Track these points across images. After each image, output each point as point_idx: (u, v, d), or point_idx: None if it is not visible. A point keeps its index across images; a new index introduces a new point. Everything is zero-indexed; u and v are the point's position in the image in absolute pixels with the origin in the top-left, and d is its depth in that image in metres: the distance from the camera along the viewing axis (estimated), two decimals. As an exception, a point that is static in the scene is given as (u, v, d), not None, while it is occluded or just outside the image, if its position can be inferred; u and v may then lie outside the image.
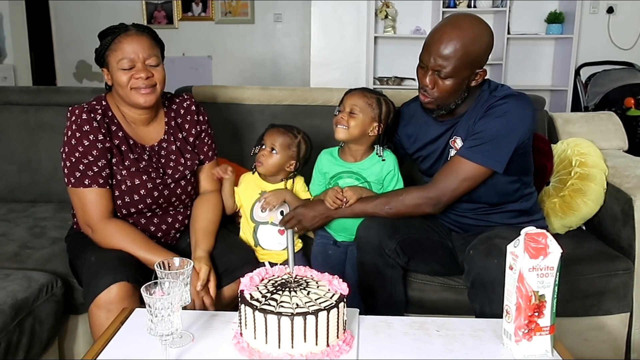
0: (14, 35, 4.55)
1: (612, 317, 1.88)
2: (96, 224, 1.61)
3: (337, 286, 1.21)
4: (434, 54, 1.60)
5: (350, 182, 1.82)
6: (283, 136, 1.80)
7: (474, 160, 1.64)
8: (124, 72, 1.59)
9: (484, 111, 1.67)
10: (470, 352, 1.22)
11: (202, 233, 1.69)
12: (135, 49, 1.59)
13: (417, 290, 1.81)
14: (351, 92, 1.82)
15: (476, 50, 1.60)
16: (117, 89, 1.63)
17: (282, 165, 1.81)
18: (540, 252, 1.14)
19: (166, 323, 1.09)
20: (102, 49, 1.62)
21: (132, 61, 1.59)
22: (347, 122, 1.75)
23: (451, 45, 1.58)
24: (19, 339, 1.48)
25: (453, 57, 1.58)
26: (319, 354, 1.14)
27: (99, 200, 1.61)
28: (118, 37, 1.59)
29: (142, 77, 1.59)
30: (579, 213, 2.02)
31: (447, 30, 1.60)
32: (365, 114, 1.76)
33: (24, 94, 2.39)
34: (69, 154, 1.60)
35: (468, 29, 1.60)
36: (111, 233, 1.61)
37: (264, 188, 1.84)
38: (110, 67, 1.61)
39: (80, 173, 1.59)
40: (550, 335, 1.19)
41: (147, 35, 1.63)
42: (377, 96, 1.81)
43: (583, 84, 4.24)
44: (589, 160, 2.07)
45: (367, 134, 1.79)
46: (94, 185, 1.60)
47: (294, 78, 5.54)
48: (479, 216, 1.79)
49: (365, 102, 1.77)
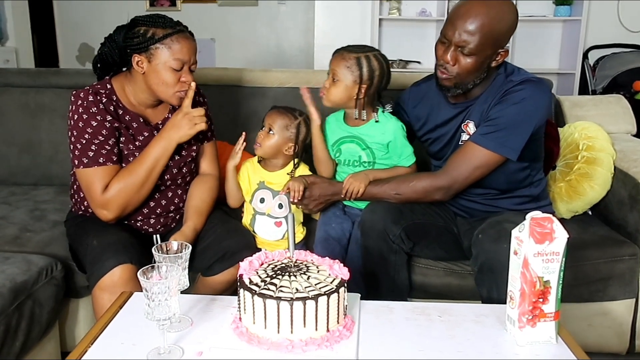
0: (15, 18, 4.51)
1: (617, 302, 1.86)
2: (101, 199, 1.59)
3: (338, 271, 1.19)
4: (459, 28, 1.55)
5: (352, 147, 1.79)
6: (282, 117, 1.77)
7: (487, 147, 1.60)
8: (173, 73, 1.59)
9: (500, 96, 1.62)
10: (472, 338, 1.20)
11: (193, 210, 1.70)
12: (189, 52, 1.60)
13: (421, 275, 1.79)
14: (337, 52, 1.75)
15: (501, 29, 1.56)
16: (157, 84, 1.60)
17: (280, 147, 1.78)
18: (545, 237, 1.12)
19: (163, 307, 1.08)
20: (149, 40, 1.57)
21: (183, 63, 1.59)
22: (328, 89, 1.72)
23: (478, 20, 1.53)
24: (18, 322, 1.47)
25: (478, 33, 1.53)
26: (318, 339, 1.12)
27: (109, 176, 1.60)
28: (175, 35, 1.57)
29: (188, 81, 1.61)
30: (585, 197, 1.99)
31: (474, 5, 1.55)
32: (345, 78, 1.70)
33: (24, 76, 2.36)
34: (78, 137, 1.59)
35: (495, 5, 1.55)
36: (115, 193, 1.59)
37: (264, 178, 1.82)
38: (155, 60, 1.57)
39: (93, 152, 1.58)
40: (555, 322, 1.17)
41: (194, 40, 1.64)
42: (356, 55, 1.70)
43: (591, 67, 4.18)
44: (596, 144, 2.04)
45: (353, 97, 1.73)
46: (108, 163, 1.59)
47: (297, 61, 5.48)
48: (487, 201, 1.77)
49: (344, 66, 1.70)
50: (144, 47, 1.57)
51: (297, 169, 1.81)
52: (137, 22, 1.60)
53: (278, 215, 1.80)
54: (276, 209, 1.80)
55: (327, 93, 1.73)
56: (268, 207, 1.80)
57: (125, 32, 1.60)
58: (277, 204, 1.80)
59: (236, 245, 1.64)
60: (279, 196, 1.79)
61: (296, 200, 1.72)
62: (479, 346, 1.17)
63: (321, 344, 1.11)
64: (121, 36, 1.61)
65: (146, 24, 1.58)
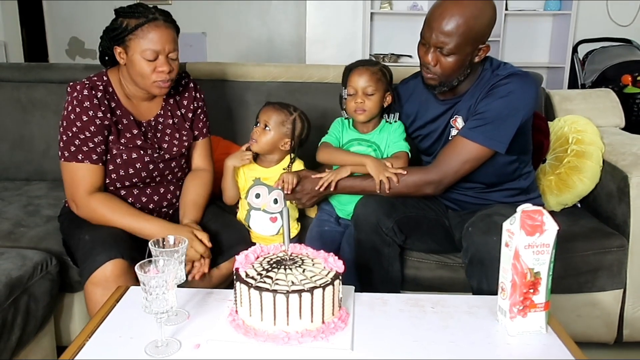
0: (4, 12, 4.47)
1: (605, 293, 1.89)
2: (80, 199, 1.61)
3: (333, 264, 1.21)
4: (435, 30, 1.57)
5: (362, 149, 1.82)
6: (277, 113, 1.78)
7: (476, 140, 1.62)
8: (148, 63, 1.57)
9: (487, 91, 1.64)
10: (465, 329, 1.22)
11: (191, 204, 1.71)
12: (162, 41, 1.57)
13: (413, 268, 1.81)
14: (355, 70, 1.78)
15: (479, 26, 1.57)
16: (135, 75, 1.60)
17: (276, 143, 1.79)
18: (536, 230, 1.14)
19: (161, 301, 1.09)
20: (124, 31, 1.56)
21: (156, 53, 1.57)
22: (365, 104, 1.75)
23: (453, 21, 1.54)
24: (14, 317, 1.48)
25: (455, 34, 1.55)
26: (314, 331, 1.14)
27: (89, 176, 1.60)
28: (147, 24, 1.55)
29: (164, 70, 1.59)
30: (574, 190, 2.02)
31: (448, 6, 1.56)
32: (378, 90, 1.75)
33: (15, 70, 2.34)
34: (67, 128, 1.59)
35: (470, 4, 1.56)
36: (95, 206, 1.60)
37: (259, 174, 1.82)
38: (130, 51, 1.57)
39: (75, 148, 1.59)
40: (545, 312, 1.20)
41: (172, 27, 1.61)
42: (380, 67, 1.79)
43: (580, 61, 4.21)
44: (585, 137, 2.06)
45: (383, 106, 1.80)
46: (86, 161, 1.59)
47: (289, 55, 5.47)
48: (477, 194, 1.79)
49: (376, 79, 1.75)
50: (120, 38, 1.57)
51: (293, 164, 1.82)
52: (118, 13, 1.61)
53: (273, 211, 1.81)
54: (271, 204, 1.81)
55: (365, 109, 1.76)
56: (264, 203, 1.81)
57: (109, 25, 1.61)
58: (272, 199, 1.81)
59: (232, 240, 1.65)
60: (275, 191, 1.80)
61: (288, 192, 1.73)
62: (472, 336, 1.19)
63: (317, 335, 1.13)
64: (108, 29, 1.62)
65: (123, 15, 1.59)
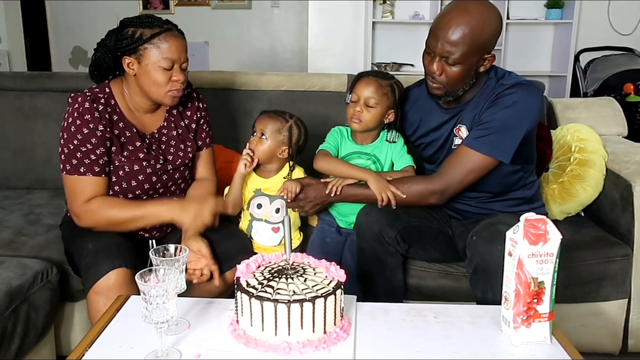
0: (8, 21, 4.50)
1: (610, 303, 1.88)
2: (79, 208, 1.59)
3: (335, 273, 1.20)
4: (441, 39, 1.56)
5: (362, 162, 1.80)
6: (273, 121, 1.77)
7: (480, 150, 1.61)
8: (163, 72, 1.57)
9: (492, 100, 1.63)
10: (468, 339, 1.21)
11: None
12: (179, 50, 1.58)
13: (416, 278, 1.80)
14: (364, 78, 1.77)
15: (485, 35, 1.56)
16: (148, 85, 1.59)
17: (274, 151, 1.78)
18: (539, 239, 1.13)
19: (161, 310, 1.08)
20: (137, 40, 1.56)
21: (173, 62, 1.57)
22: (362, 114, 1.73)
23: (459, 31, 1.53)
24: (14, 326, 1.47)
25: (461, 43, 1.54)
26: (315, 341, 1.13)
27: (92, 187, 1.59)
28: (163, 34, 1.56)
29: (179, 80, 1.59)
30: (577, 199, 2.01)
31: (454, 15, 1.55)
32: (380, 104, 1.74)
33: (18, 79, 2.35)
34: (67, 141, 1.58)
35: (476, 13, 1.55)
36: (95, 208, 1.58)
37: (260, 185, 1.81)
38: (145, 61, 1.56)
39: (77, 161, 1.57)
40: (549, 322, 1.18)
41: (184, 37, 1.62)
42: (390, 81, 1.77)
43: (582, 69, 4.21)
44: (588, 146, 2.06)
45: (383, 122, 1.78)
46: (88, 174, 1.58)
47: (291, 64, 5.49)
48: (480, 204, 1.78)
49: (382, 93, 1.73)
50: (132, 48, 1.56)
51: (293, 171, 1.82)
52: (126, 23, 1.60)
53: (276, 221, 1.80)
54: (273, 214, 1.80)
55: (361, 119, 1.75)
56: (265, 213, 1.80)
57: (115, 35, 1.60)
58: (274, 209, 1.80)
59: (233, 249, 1.64)
60: (276, 201, 1.79)
61: (290, 200, 1.72)
62: (475, 347, 1.18)
63: (318, 345, 1.12)
64: (112, 40, 1.60)
65: (134, 25, 1.58)
